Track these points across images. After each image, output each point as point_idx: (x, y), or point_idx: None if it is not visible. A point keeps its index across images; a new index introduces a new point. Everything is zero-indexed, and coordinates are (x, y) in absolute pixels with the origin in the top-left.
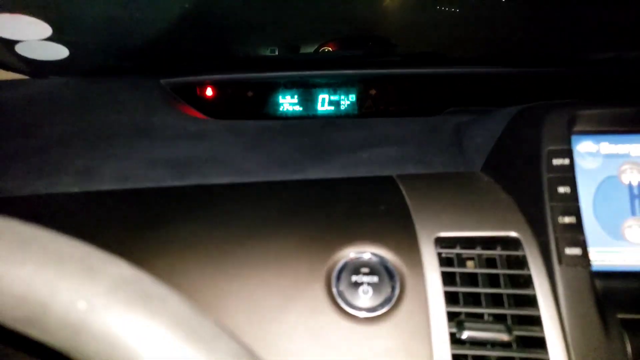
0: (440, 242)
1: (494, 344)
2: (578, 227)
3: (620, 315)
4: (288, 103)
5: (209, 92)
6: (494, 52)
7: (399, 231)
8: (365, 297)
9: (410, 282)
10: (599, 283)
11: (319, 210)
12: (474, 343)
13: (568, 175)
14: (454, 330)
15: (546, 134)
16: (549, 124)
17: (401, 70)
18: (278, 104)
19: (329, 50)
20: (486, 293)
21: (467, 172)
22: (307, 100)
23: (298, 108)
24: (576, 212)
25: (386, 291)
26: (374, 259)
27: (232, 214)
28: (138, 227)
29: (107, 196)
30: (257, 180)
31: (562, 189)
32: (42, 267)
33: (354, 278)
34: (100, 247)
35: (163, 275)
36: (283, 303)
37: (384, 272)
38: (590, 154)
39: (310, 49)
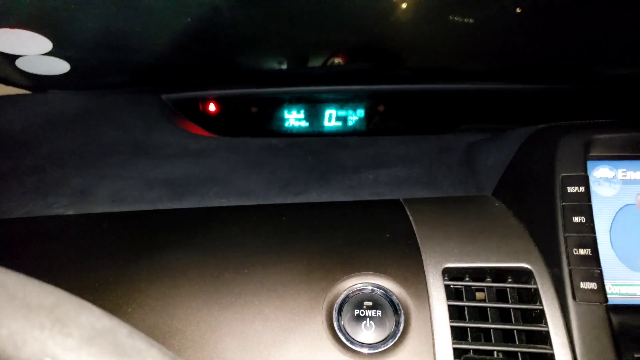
0: (448, 273)
1: None
2: (594, 259)
3: (637, 355)
4: (294, 118)
5: (212, 107)
6: (508, 67)
7: (405, 261)
8: (368, 332)
9: (415, 317)
10: (615, 318)
11: (321, 237)
12: None
13: (583, 203)
14: None
15: (560, 159)
16: (564, 148)
17: (411, 86)
18: (283, 120)
19: (338, 63)
20: (495, 328)
21: (478, 196)
22: (314, 115)
23: (304, 124)
24: (592, 243)
25: (390, 326)
26: (378, 291)
27: (229, 240)
28: (130, 252)
29: (101, 219)
30: (257, 203)
31: (577, 219)
32: (8, 317)
33: (357, 312)
34: (90, 273)
35: (153, 306)
36: (281, 338)
37: (388, 305)
38: (607, 180)
39: (319, 61)
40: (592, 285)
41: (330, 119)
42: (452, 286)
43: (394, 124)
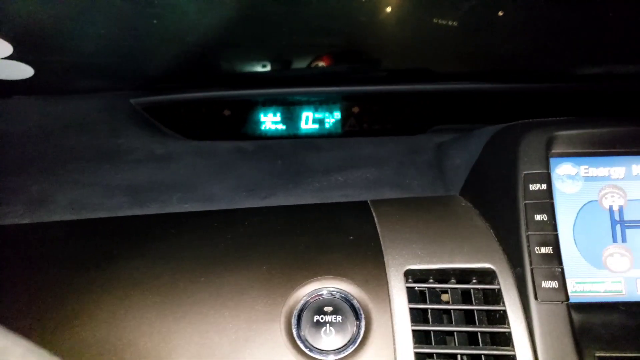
0: (412, 275)
1: None
2: (555, 258)
3: (598, 354)
4: (269, 121)
5: (184, 111)
6: (483, 68)
7: (367, 264)
8: (328, 339)
9: (377, 321)
10: (578, 316)
11: (283, 242)
12: None
13: (546, 201)
14: None
15: (522, 156)
16: (526, 146)
17: (385, 87)
18: (257, 123)
19: (312, 65)
20: (458, 331)
21: (445, 197)
22: (289, 118)
23: (280, 127)
24: (554, 242)
25: (351, 331)
26: (339, 296)
27: (186, 247)
28: (83, 261)
29: (58, 227)
30: (220, 208)
31: (539, 217)
32: None
33: (317, 318)
34: (39, 284)
35: (104, 318)
36: (238, 348)
37: (348, 310)
38: (570, 177)
39: (294, 63)
40: (554, 284)
41: (307, 121)
42: (416, 288)
43: (369, 126)
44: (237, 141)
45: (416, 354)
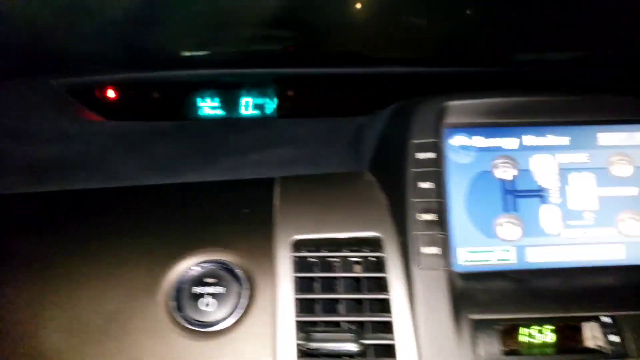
0: (298, 245)
1: (344, 355)
2: (438, 224)
3: (473, 317)
4: (207, 107)
5: (111, 94)
6: (415, 51)
7: (255, 235)
8: (207, 311)
9: (261, 291)
10: (466, 283)
11: (172, 217)
12: (323, 355)
13: (432, 169)
14: (302, 341)
15: (413, 127)
16: (416, 117)
17: (320, 70)
18: (192, 107)
19: (245, 47)
20: (343, 299)
21: (353, 173)
22: (225, 102)
23: (218, 112)
24: (438, 209)
25: (232, 302)
26: (221, 267)
27: (69, 222)
28: None
29: None
30: (122, 185)
31: (424, 185)
32: None
33: (197, 290)
34: None
35: None
36: (111, 320)
37: (231, 281)
38: (464, 147)
39: (236, 46)
40: (435, 250)
41: (247, 106)
42: (303, 258)
43: (304, 109)
44: (157, 122)
45: (297, 322)
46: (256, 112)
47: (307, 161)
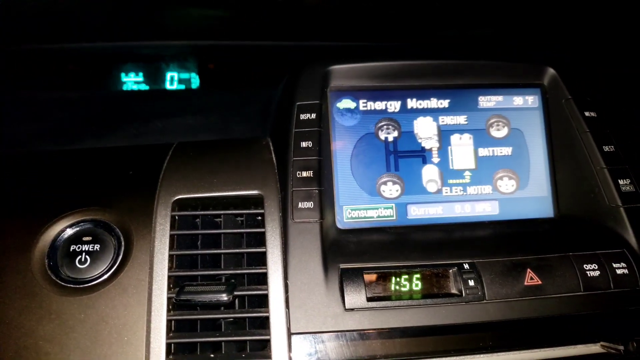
0: (180, 204)
1: (217, 306)
2: (315, 181)
3: (343, 265)
4: (132, 81)
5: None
6: (336, 25)
7: (138, 195)
8: (82, 267)
9: (138, 248)
10: (344, 237)
11: (53, 180)
12: (195, 306)
13: (312, 129)
14: (173, 295)
15: (299, 89)
16: (302, 80)
17: (238, 42)
18: (114, 79)
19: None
20: (216, 254)
21: (254, 138)
22: (152, 76)
23: (138, 85)
24: (315, 167)
25: (108, 259)
26: (99, 226)
27: None
28: None
29: None
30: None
31: (304, 144)
32: None
33: (73, 247)
34: None
35: None
36: None
37: (109, 239)
38: (349, 110)
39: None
40: (309, 205)
41: (172, 81)
42: (181, 217)
43: (222, 81)
44: (62, 91)
45: (170, 277)
46: (181, 87)
47: (217, 128)
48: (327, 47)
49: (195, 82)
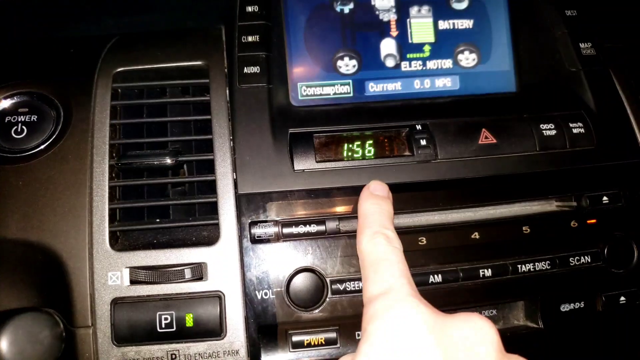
0: (122, 76)
1: (163, 172)
2: (261, 45)
3: (292, 130)
4: None
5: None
6: None
7: (77, 67)
8: (18, 137)
9: (79, 118)
10: (297, 113)
11: None
12: (136, 170)
13: None
14: (115, 160)
15: None
16: None
17: None
18: None
19: None
20: (161, 123)
21: (205, 27)
22: None
23: None
24: (262, 31)
25: (46, 130)
26: (37, 97)
27: None
28: None
29: None
30: None
31: (250, 8)
32: None
33: (8, 118)
34: None
35: None
36: None
37: (47, 110)
38: None
39: None
40: (256, 69)
41: None
42: (122, 89)
43: None
44: None
45: (112, 145)
46: None
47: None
48: None
49: None
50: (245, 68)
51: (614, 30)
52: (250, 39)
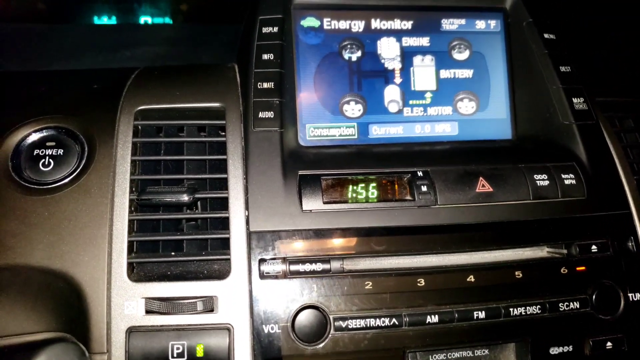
0: (143, 114)
1: (179, 207)
2: (276, 92)
3: (301, 172)
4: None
5: None
6: None
7: (102, 105)
8: (46, 170)
9: (101, 154)
10: (304, 151)
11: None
12: (157, 208)
13: (275, 42)
14: (135, 195)
15: (261, 4)
16: None
17: None
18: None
19: None
20: (179, 161)
21: (220, 64)
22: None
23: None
24: (277, 78)
25: (71, 163)
26: (63, 132)
27: None
28: None
29: None
30: None
31: (266, 56)
32: None
33: (37, 152)
34: None
35: None
36: None
37: (72, 144)
38: (313, 29)
39: None
40: (270, 114)
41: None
42: (143, 126)
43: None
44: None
45: (132, 180)
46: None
47: (181, 56)
48: None
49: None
50: (261, 113)
51: (606, 86)
52: (265, 85)
